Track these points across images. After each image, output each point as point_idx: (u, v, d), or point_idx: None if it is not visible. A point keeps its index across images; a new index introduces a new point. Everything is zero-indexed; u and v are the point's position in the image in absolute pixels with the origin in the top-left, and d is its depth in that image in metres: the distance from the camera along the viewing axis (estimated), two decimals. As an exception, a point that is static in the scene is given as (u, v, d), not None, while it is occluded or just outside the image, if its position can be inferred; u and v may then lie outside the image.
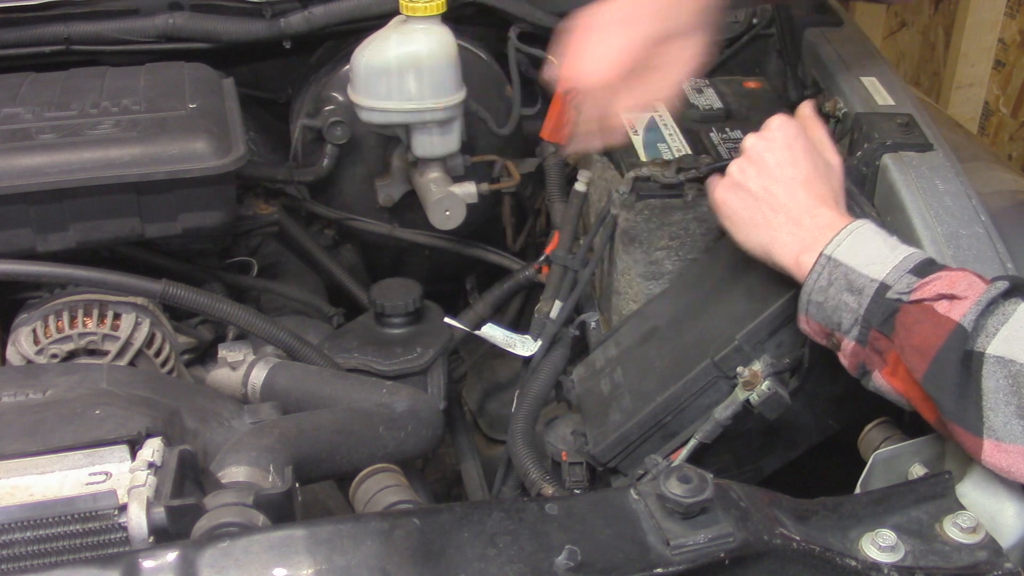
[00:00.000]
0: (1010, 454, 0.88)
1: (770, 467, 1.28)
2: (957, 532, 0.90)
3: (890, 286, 0.98)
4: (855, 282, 1.00)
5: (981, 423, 0.89)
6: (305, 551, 0.79)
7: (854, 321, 1.00)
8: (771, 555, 0.83)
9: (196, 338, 1.46)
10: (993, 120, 3.14)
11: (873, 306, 0.98)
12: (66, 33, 1.62)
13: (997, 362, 0.89)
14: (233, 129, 1.39)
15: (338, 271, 1.78)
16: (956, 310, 0.92)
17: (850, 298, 1.00)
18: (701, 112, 1.56)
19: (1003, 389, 0.88)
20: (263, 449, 1.07)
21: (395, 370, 1.48)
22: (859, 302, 0.99)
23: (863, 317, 0.99)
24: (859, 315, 0.99)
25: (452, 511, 0.85)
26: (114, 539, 0.89)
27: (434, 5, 1.51)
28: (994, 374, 0.89)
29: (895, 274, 0.98)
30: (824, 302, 1.03)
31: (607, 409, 1.31)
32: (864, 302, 0.99)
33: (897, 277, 0.98)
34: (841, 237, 1.03)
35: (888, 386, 1.00)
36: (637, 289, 1.44)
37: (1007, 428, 0.88)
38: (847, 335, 1.02)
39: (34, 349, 1.29)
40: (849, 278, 1.00)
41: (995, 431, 0.88)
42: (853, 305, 1.00)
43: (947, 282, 0.95)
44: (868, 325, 0.99)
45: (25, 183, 1.26)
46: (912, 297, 0.96)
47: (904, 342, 0.95)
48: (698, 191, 1.39)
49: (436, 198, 1.62)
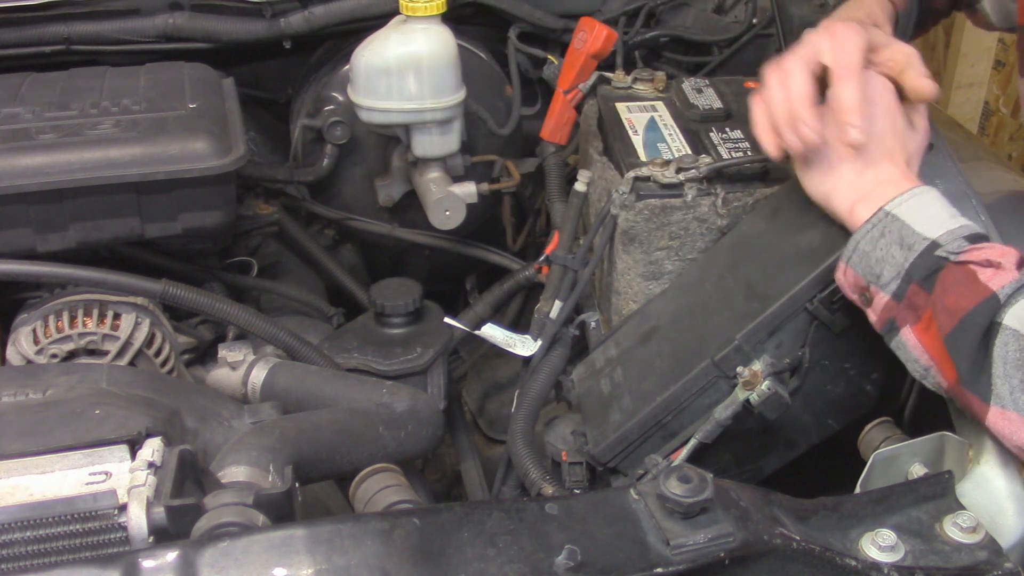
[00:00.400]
0: (1012, 422, 0.91)
1: (770, 467, 1.28)
2: (957, 532, 0.90)
3: (941, 245, 0.99)
4: (907, 238, 1.02)
5: (990, 390, 0.92)
6: (305, 551, 0.79)
7: (895, 274, 1.01)
8: (771, 555, 0.83)
9: (196, 338, 1.46)
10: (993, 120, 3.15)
11: (919, 261, 1.00)
12: (66, 33, 1.62)
13: (1012, 335, 0.91)
14: (233, 129, 1.39)
15: (338, 271, 1.78)
16: (996, 280, 0.94)
17: (898, 252, 1.01)
18: (701, 112, 1.56)
19: (1011, 361, 0.91)
20: (263, 449, 1.07)
21: (395, 370, 1.48)
22: (906, 256, 1.01)
23: (906, 271, 1.00)
24: (903, 268, 1.01)
25: (452, 511, 0.85)
26: (114, 539, 0.89)
27: (434, 5, 1.51)
28: (1006, 344, 0.91)
29: (948, 236, 1.00)
30: (871, 252, 1.04)
31: (607, 409, 1.31)
32: (911, 257, 1.00)
33: (950, 239, 1.00)
34: (905, 197, 1.05)
35: (916, 341, 1.01)
36: (637, 289, 1.44)
37: (1012, 397, 0.91)
38: (883, 289, 1.03)
39: (34, 349, 1.29)
40: (903, 233, 1.02)
41: (1001, 399, 0.91)
42: (899, 259, 1.01)
43: (997, 252, 0.97)
44: (910, 279, 1.00)
45: (25, 183, 1.26)
46: (959, 259, 0.98)
47: (939, 300, 0.97)
48: (698, 191, 1.39)
49: (436, 198, 1.62)
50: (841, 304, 1.18)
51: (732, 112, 1.57)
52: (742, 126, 1.54)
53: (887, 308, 1.03)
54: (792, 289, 1.18)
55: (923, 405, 1.22)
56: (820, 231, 1.22)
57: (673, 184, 1.38)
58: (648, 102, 1.62)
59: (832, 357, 1.20)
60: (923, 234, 1.01)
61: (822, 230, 1.22)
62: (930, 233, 1.01)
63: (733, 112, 1.58)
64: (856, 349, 1.21)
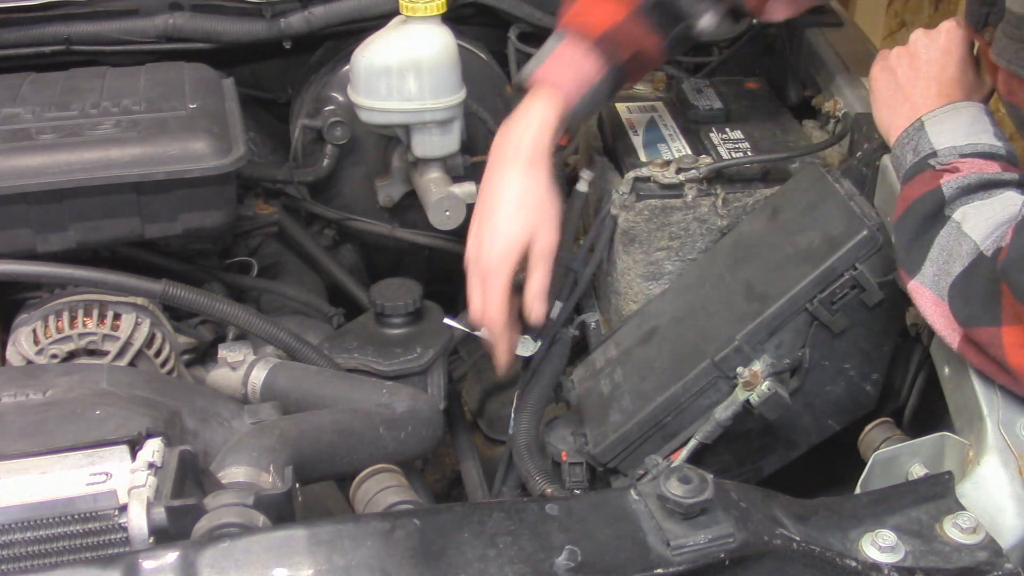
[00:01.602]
0: (924, 297, 1.03)
1: (770, 467, 1.28)
2: (957, 532, 0.90)
3: (937, 155, 1.08)
4: (920, 145, 1.11)
5: (919, 268, 1.04)
6: (305, 551, 0.79)
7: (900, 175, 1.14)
8: (771, 555, 0.83)
9: (196, 338, 1.45)
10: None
11: (915, 165, 1.10)
12: (66, 33, 1.62)
13: (954, 226, 1.02)
14: (233, 129, 1.39)
15: (338, 271, 1.78)
16: (947, 178, 1.05)
17: (910, 156, 1.12)
18: (701, 112, 1.56)
19: (943, 247, 1.02)
20: (263, 449, 1.06)
21: (395, 370, 1.48)
22: (911, 161, 1.11)
23: (904, 174, 1.12)
24: (904, 170, 1.12)
25: (452, 511, 0.85)
26: (114, 539, 0.89)
27: (434, 5, 1.51)
28: (948, 235, 1.02)
29: (949, 150, 1.08)
30: (900, 156, 1.14)
31: (607, 409, 1.31)
32: (913, 161, 1.11)
33: (949, 153, 1.07)
34: (943, 109, 1.12)
35: None
36: (637, 289, 1.45)
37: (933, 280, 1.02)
38: None
39: (34, 349, 1.29)
40: (919, 142, 1.11)
41: (924, 277, 1.03)
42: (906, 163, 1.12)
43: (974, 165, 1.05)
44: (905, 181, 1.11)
45: (25, 183, 1.26)
46: (940, 167, 1.07)
47: (902, 193, 1.10)
48: (698, 191, 1.39)
49: (436, 198, 1.62)
50: (841, 304, 1.18)
51: (732, 112, 1.58)
52: (742, 126, 1.54)
53: None
54: (792, 289, 1.18)
55: (923, 405, 1.22)
56: (820, 231, 1.22)
57: (673, 184, 1.39)
58: (648, 102, 1.62)
59: (832, 357, 1.21)
60: (933, 144, 1.09)
61: (822, 230, 1.22)
62: (938, 144, 1.09)
63: (733, 112, 1.58)
64: (856, 350, 1.21)
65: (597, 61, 1.31)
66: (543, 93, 1.30)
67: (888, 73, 1.21)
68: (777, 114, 1.60)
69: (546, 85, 1.30)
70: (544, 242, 1.28)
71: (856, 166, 1.30)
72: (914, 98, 1.16)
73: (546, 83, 1.30)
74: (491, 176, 1.30)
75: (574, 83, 1.30)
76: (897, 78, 1.19)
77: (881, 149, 1.28)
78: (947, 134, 1.10)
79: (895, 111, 1.18)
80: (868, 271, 1.17)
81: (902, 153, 1.14)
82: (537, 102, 1.30)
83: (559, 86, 1.30)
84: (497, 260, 1.27)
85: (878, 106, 1.23)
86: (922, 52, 1.18)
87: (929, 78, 1.16)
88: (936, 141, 1.10)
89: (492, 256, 1.28)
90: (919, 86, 1.16)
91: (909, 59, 1.19)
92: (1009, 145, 1.08)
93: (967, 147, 1.07)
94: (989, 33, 1.09)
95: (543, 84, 1.31)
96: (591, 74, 1.31)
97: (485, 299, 1.29)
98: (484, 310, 1.30)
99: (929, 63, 1.17)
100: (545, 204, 1.28)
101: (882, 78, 1.22)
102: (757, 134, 1.51)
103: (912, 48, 1.20)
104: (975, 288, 0.98)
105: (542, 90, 1.30)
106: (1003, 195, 1.02)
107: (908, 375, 1.24)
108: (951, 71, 1.16)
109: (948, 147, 1.08)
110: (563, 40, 1.32)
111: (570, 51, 1.31)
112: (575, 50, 1.30)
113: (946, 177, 1.05)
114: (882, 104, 1.22)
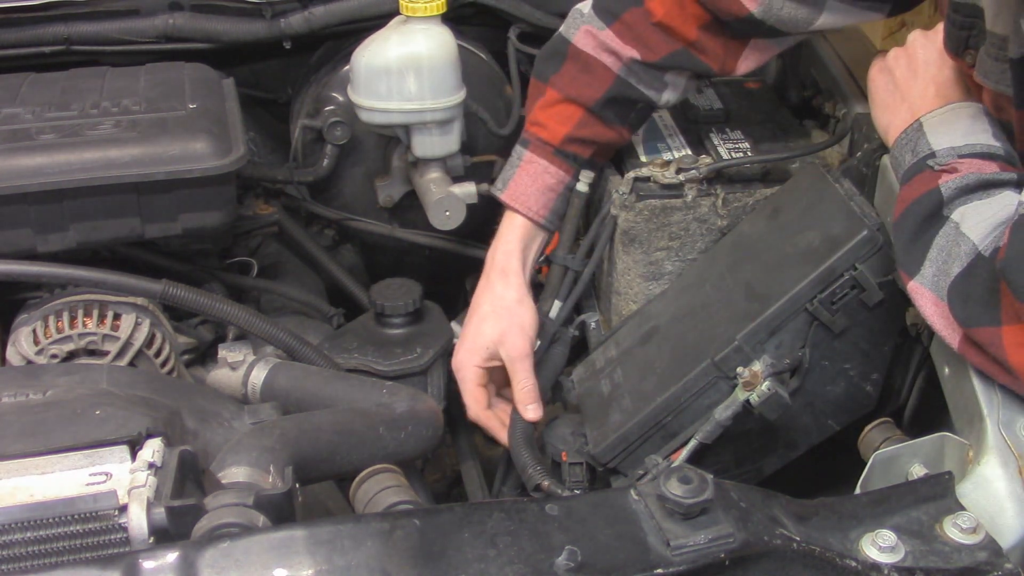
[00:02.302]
0: (923, 296, 1.04)
1: (770, 467, 1.28)
2: (957, 532, 0.90)
3: (936, 156, 1.08)
4: (919, 146, 1.11)
5: (918, 269, 1.04)
6: (305, 552, 0.79)
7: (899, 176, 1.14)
8: (771, 556, 0.83)
9: (196, 338, 1.45)
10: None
11: (913, 166, 1.11)
12: (66, 33, 1.62)
13: (952, 227, 1.02)
14: (233, 129, 1.39)
15: (338, 271, 1.78)
16: (945, 179, 1.05)
17: (909, 157, 1.12)
18: (701, 112, 1.56)
19: (942, 248, 1.02)
20: (263, 449, 1.06)
21: (395, 370, 1.48)
22: (909, 162, 1.12)
23: (902, 174, 1.12)
24: (903, 171, 1.13)
25: (452, 511, 0.85)
26: (114, 539, 0.89)
27: (434, 5, 1.51)
28: (946, 235, 1.02)
29: (946, 150, 1.08)
30: (899, 156, 1.15)
31: (607, 409, 1.31)
32: (912, 161, 1.11)
33: (947, 154, 1.08)
34: (942, 110, 1.13)
35: None
36: (637, 289, 1.45)
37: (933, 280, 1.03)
38: None
39: (34, 349, 1.29)
40: (917, 143, 1.12)
41: (924, 277, 1.04)
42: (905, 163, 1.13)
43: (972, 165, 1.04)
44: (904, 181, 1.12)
45: (25, 183, 1.26)
46: (939, 167, 1.07)
47: (901, 193, 1.10)
48: (698, 191, 1.39)
49: (436, 198, 1.62)
50: (841, 304, 1.18)
51: (732, 112, 1.58)
52: (742, 126, 1.54)
53: None
54: (792, 289, 1.18)
55: (923, 405, 1.22)
56: (820, 231, 1.22)
57: (673, 184, 1.39)
58: (648, 102, 1.62)
59: (832, 358, 1.21)
60: (931, 146, 1.10)
61: (822, 230, 1.22)
62: (936, 145, 1.09)
63: (733, 112, 1.58)
64: (856, 350, 1.21)
65: (563, 165, 1.43)
66: (511, 216, 1.45)
67: (886, 74, 1.21)
68: (777, 114, 1.60)
69: (514, 207, 1.44)
70: (512, 346, 1.39)
71: (856, 166, 1.31)
72: (912, 99, 1.16)
73: (515, 205, 1.44)
74: (478, 286, 1.46)
75: (542, 199, 1.44)
76: (895, 79, 1.19)
77: (881, 149, 1.28)
78: (945, 135, 1.10)
79: (893, 112, 1.18)
80: (868, 271, 1.17)
81: (901, 154, 1.14)
82: (506, 223, 1.46)
83: (526, 207, 1.44)
84: (462, 359, 1.44)
85: (876, 107, 1.22)
86: (920, 53, 1.18)
87: (927, 79, 1.16)
88: (934, 142, 1.10)
89: (459, 356, 1.44)
90: (917, 87, 1.16)
91: (907, 60, 1.19)
92: (1007, 145, 1.08)
93: (965, 147, 1.07)
94: (971, 56, 1.09)
95: (511, 207, 1.44)
96: (559, 180, 1.44)
97: (462, 393, 1.45)
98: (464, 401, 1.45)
99: (927, 64, 1.17)
100: (514, 312, 1.41)
101: (880, 79, 1.22)
102: (757, 134, 1.51)
103: (910, 49, 1.20)
104: (974, 288, 0.98)
105: (510, 213, 1.45)
106: (1001, 195, 1.02)
107: (908, 375, 1.24)
108: (949, 71, 1.16)
109: (946, 148, 1.08)
110: (528, 148, 1.44)
111: (534, 165, 1.43)
112: (537, 164, 1.43)
113: (944, 177, 1.05)
114: (880, 105, 1.21)
